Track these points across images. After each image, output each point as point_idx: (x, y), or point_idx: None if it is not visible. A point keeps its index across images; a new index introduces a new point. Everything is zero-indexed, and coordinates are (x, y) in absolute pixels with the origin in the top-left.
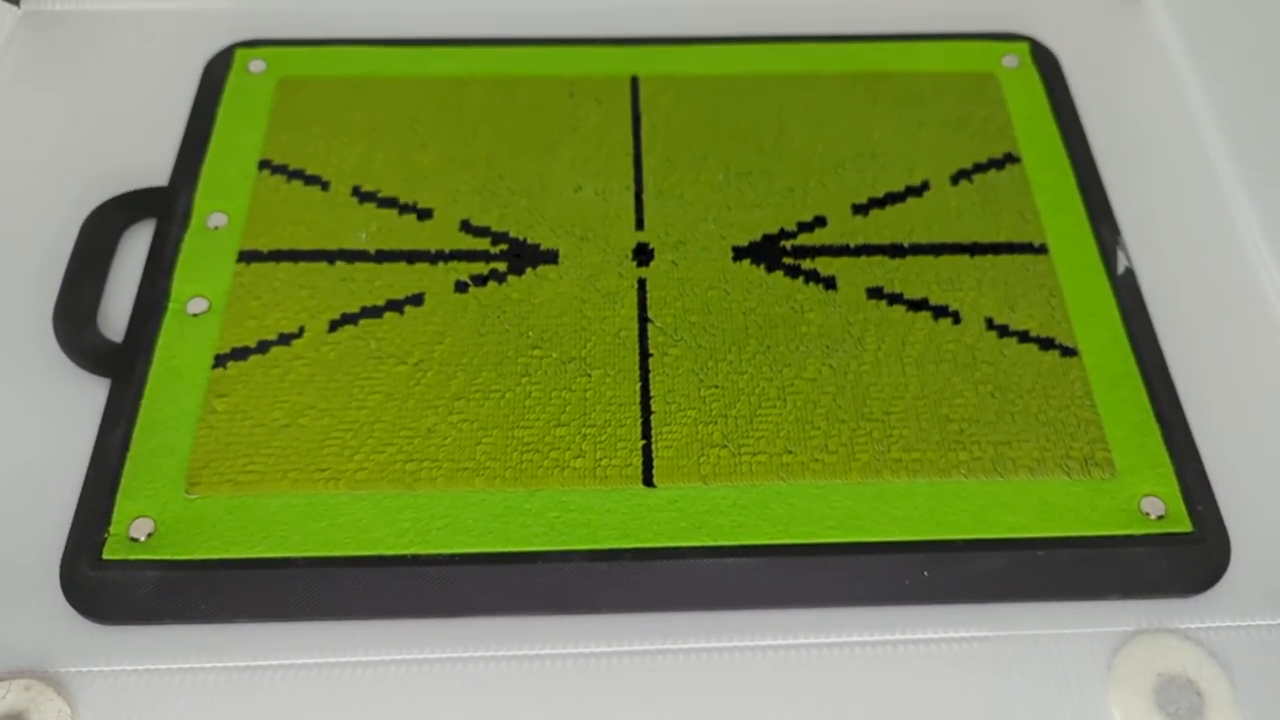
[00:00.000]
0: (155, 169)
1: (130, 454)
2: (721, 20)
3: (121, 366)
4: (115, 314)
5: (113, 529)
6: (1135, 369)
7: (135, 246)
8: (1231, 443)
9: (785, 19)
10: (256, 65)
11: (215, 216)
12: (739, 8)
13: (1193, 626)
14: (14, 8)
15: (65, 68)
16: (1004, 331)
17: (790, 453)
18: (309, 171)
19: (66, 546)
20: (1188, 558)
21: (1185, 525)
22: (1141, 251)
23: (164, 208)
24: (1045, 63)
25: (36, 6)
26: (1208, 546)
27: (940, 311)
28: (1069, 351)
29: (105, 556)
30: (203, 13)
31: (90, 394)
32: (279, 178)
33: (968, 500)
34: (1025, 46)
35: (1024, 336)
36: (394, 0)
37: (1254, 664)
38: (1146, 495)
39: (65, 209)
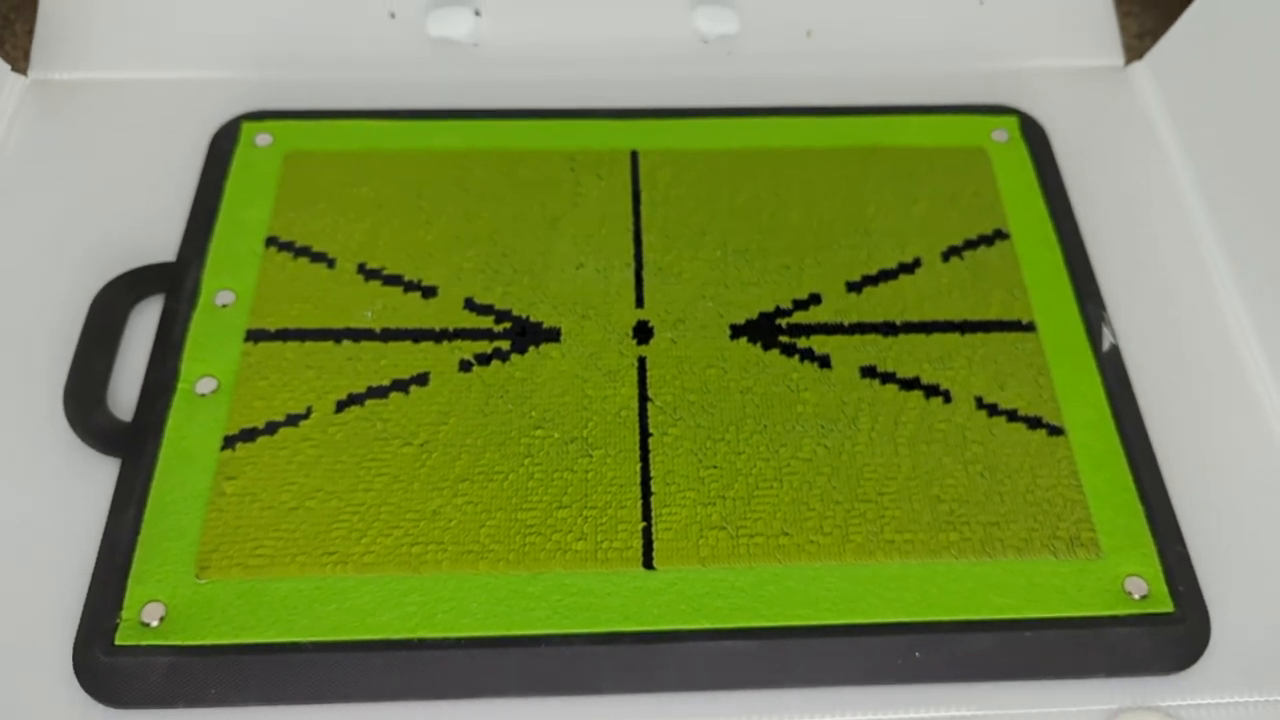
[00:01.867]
0: (163, 244)
1: (141, 537)
2: (718, 91)
3: (131, 447)
4: (124, 392)
5: (125, 614)
6: (1120, 448)
7: (144, 323)
8: (1213, 522)
9: (782, 90)
10: (263, 139)
11: (223, 294)
12: (735, 79)
13: (1174, 704)
14: (21, 77)
15: (72, 138)
16: (993, 410)
17: (786, 534)
18: (315, 248)
19: (79, 631)
20: (1169, 637)
21: (1167, 605)
22: (1127, 328)
23: (172, 284)
24: (1034, 136)
25: (44, 75)
26: (1188, 626)
27: (932, 391)
28: (1055, 430)
29: (118, 642)
30: (209, 82)
31: (100, 474)
32: (286, 254)
33: (958, 581)
34: (1014, 121)
35: (1012, 415)
36: (396, 70)
37: None
38: (1130, 575)
39: (73, 284)
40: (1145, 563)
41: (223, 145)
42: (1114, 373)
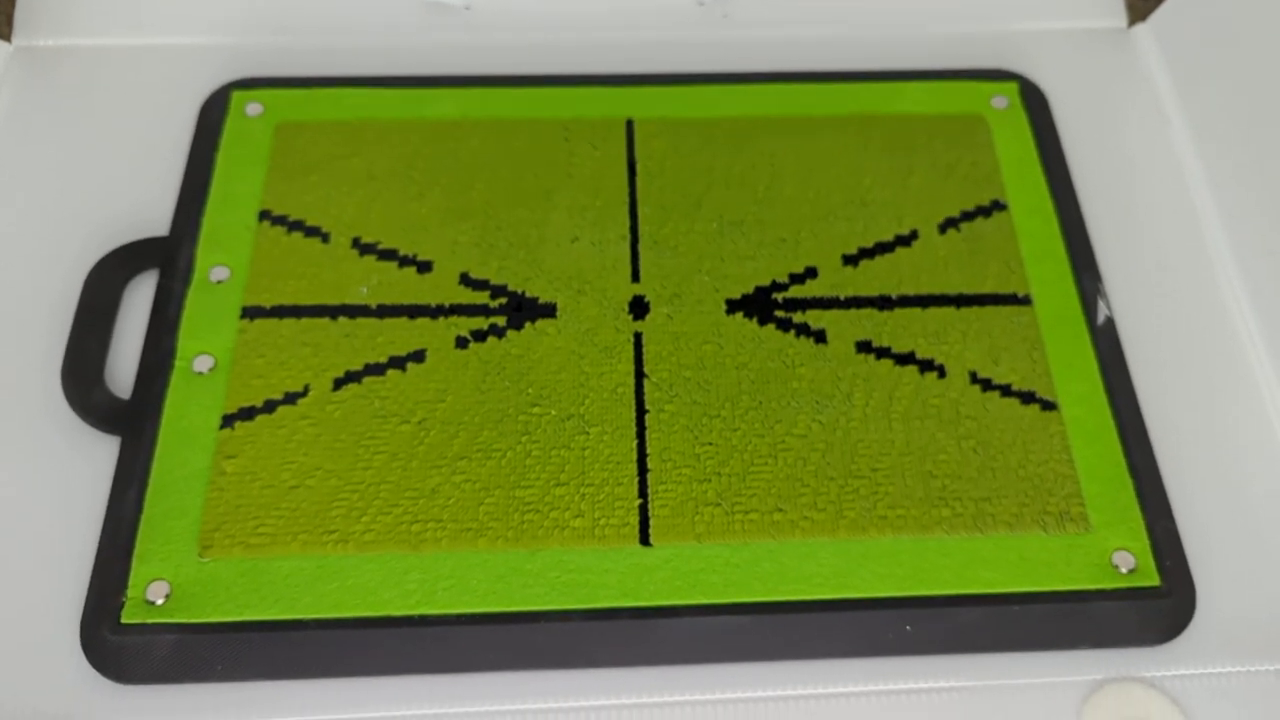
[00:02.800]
0: (155, 218)
1: (144, 516)
2: (714, 56)
3: (130, 425)
4: (121, 369)
5: (130, 592)
6: (1112, 423)
7: (138, 298)
8: (1203, 497)
9: (779, 54)
10: (253, 108)
11: (217, 270)
12: (732, 42)
13: (1158, 675)
14: (4, 43)
15: (58, 107)
16: (987, 385)
17: (781, 511)
18: (309, 222)
19: (85, 609)
20: (1155, 610)
21: (1154, 579)
22: (1123, 301)
23: (166, 259)
24: (1034, 103)
25: (28, 41)
26: (1174, 600)
27: (926, 365)
28: (1049, 405)
29: (124, 620)
30: (197, 48)
31: (100, 452)
32: (279, 229)
33: (949, 557)
34: (1014, 86)
35: (1006, 390)
36: (387, 34)
37: (1215, 709)
38: (1118, 549)
39: (66, 259)
40: (1134, 537)
41: (213, 115)
42: (1108, 346)
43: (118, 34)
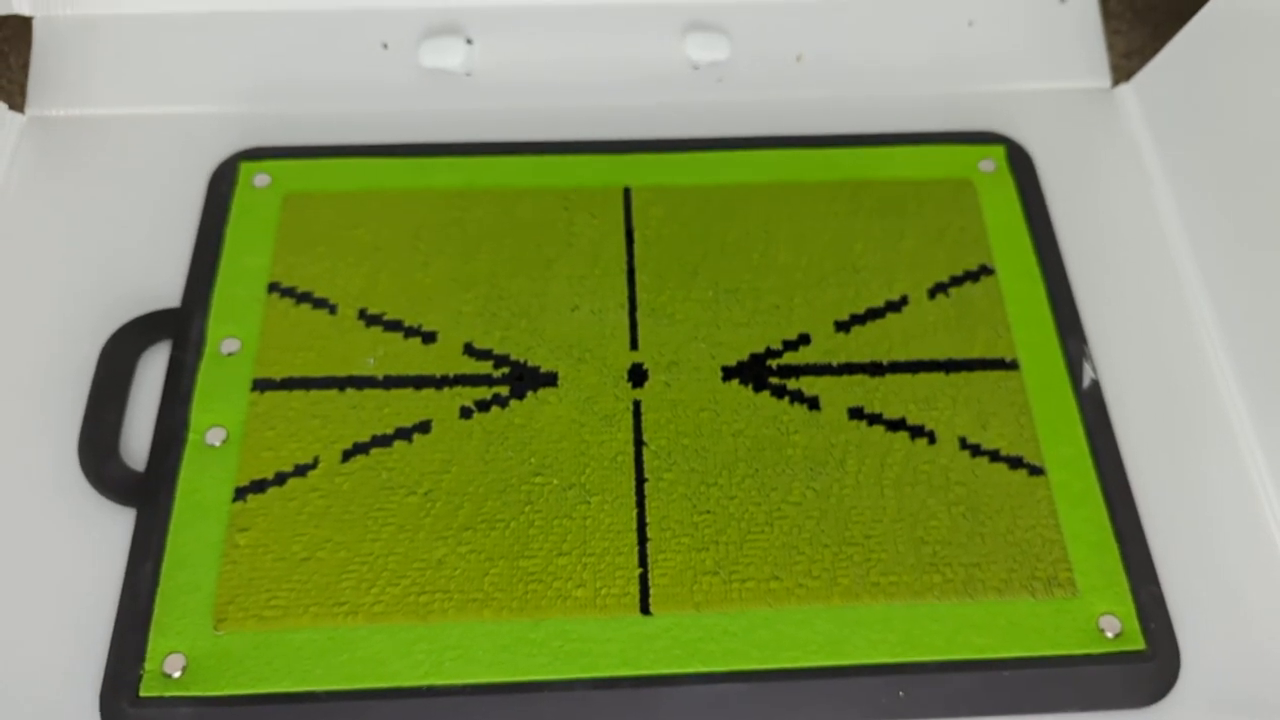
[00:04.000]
0: (167, 289)
1: (160, 590)
2: (709, 119)
3: (145, 497)
4: (135, 440)
5: (148, 665)
6: (1098, 487)
7: (150, 369)
8: (1187, 560)
9: (771, 117)
10: (261, 179)
11: (228, 342)
12: (726, 104)
13: None
14: (18, 115)
15: (71, 177)
16: (976, 451)
17: (777, 579)
18: (317, 294)
19: (105, 682)
20: (1140, 674)
21: (1139, 643)
22: (1108, 362)
23: (178, 331)
24: (1020, 165)
25: (41, 111)
26: (1159, 663)
27: (917, 431)
28: (1036, 470)
29: (143, 694)
30: (205, 116)
31: (116, 523)
32: (288, 301)
33: (940, 623)
34: (1001, 150)
35: (995, 456)
36: (391, 101)
37: None
38: (1104, 614)
39: (81, 331)
40: (1119, 601)
41: (221, 186)
42: (1093, 410)
43: (129, 104)
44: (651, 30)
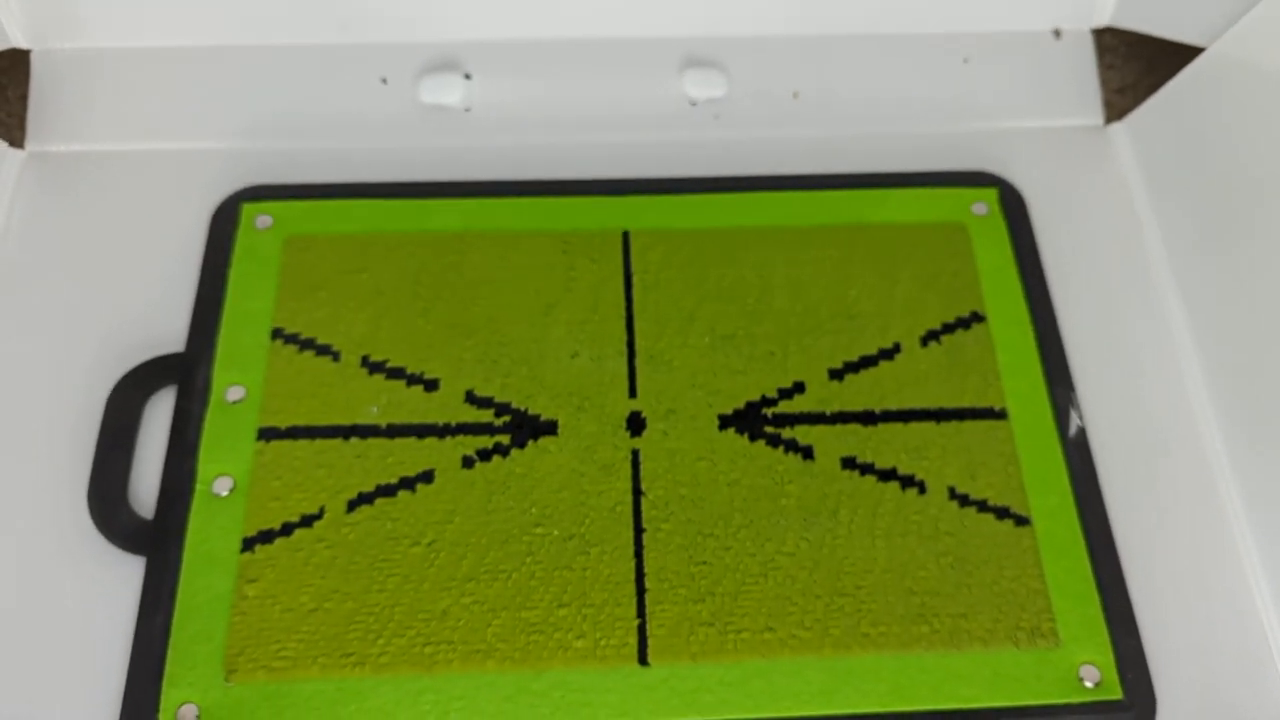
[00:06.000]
0: (170, 332)
1: (171, 641)
2: (705, 156)
3: (155, 546)
4: (143, 487)
5: (161, 716)
6: (1081, 537)
7: (157, 415)
8: (1166, 611)
9: (768, 154)
10: (263, 221)
11: (234, 390)
12: (723, 142)
13: None
14: (18, 151)
15: (71, 213)
16: (964, 501)
17: (771, 630)
18: (320, 340)
19: None
20: None
21: (1117, 693)
22: (1095, 410)
23: (183, 378)
24: (1012, 208)
25: (41, 147)
26: (1135, 713)
27: (908, 481)
28: (1022, 520)
29: None
30: (205, 153)
31: (126, 572)
32: (291, 348)
33: (927, 673)
34: (994, 193)
35: (982, 506)
36: (390, 137)
37: None
38: (1085, 663)
39: (86, 378)
40: (1099, 651)
41: (224, 227)
42: (1079, 458)
43: (129, 139)
44: (649, 66)
